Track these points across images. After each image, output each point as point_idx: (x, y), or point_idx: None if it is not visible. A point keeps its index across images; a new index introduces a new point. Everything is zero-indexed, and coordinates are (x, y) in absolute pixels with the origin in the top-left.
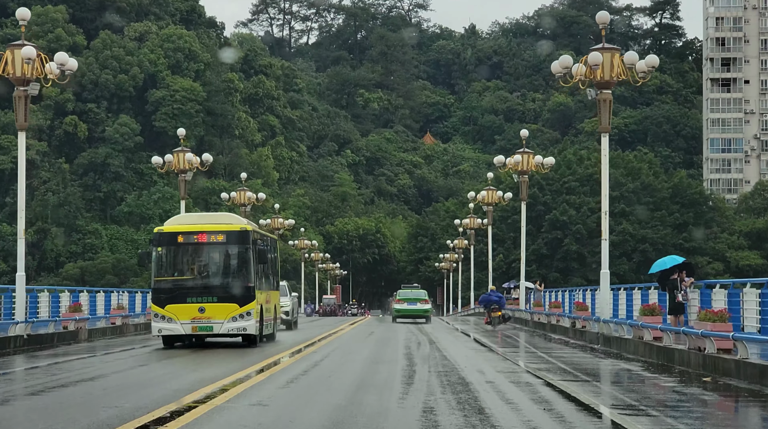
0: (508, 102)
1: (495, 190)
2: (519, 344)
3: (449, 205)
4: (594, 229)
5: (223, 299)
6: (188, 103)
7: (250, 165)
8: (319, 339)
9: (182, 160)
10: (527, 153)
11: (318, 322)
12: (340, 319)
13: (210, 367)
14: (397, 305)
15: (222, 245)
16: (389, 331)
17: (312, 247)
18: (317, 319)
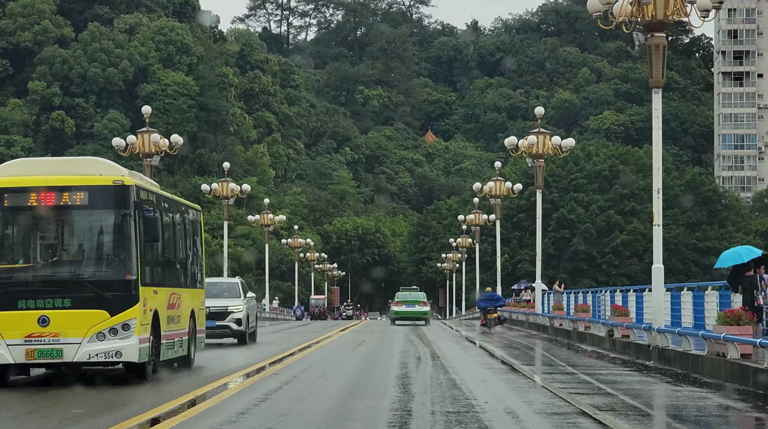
0: (511, 99)
1: (503, 181)
2: (546, 358)
3: (451, 203)
4: (603, 228)
5: (82, 302)
6: (180, 98)
7: (245, 162)
8: (285, 356)
9: (147, 142)
10: (543, 133)
11: (301, 328)
12: (330, 324)
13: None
14: (395, 307)
15: (81, 210)
16: (384, 339)
17: (307, 246)
18: (305, 324)
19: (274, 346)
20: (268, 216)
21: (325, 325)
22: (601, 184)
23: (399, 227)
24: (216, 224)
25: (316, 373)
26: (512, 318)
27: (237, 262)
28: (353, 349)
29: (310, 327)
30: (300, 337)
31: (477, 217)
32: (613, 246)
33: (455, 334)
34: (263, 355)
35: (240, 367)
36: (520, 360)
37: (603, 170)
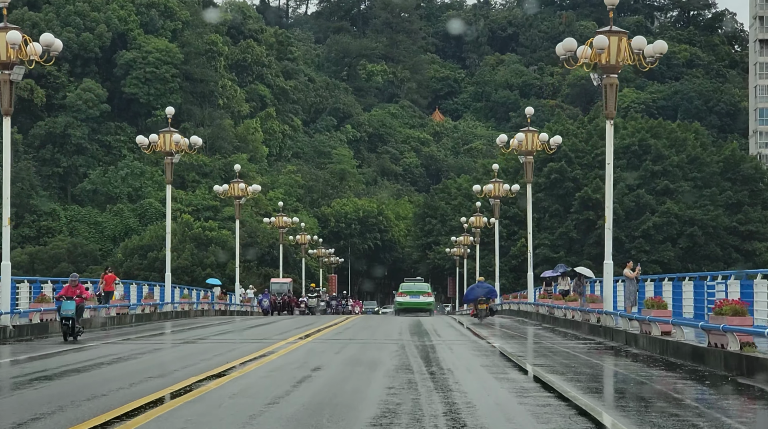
0: (524, 76)
1: (536, 133)
2: (652, 396)
3: (461, 182)
4: (633, 209)
5: None
6: (163, 67)
7: (235, 138)
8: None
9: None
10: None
11: (222, 338)
12: (298, 323)
13: None
14: (399, 298)
15: None
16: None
17: (294, 225)
18: (256, 323)
19: None
20: (239, 186)
21: (282, 328)
22: (629, 160)
23: (404, 210)
24: (201, 205)
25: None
26: (550, 315)
27: (222, 246)
28: (294, 387)
29: (252, 332)
30: (195, 358)
31: (497, 187)
32: (644, 229)
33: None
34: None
35: None
36: (615, 407)
37: (632, 145)
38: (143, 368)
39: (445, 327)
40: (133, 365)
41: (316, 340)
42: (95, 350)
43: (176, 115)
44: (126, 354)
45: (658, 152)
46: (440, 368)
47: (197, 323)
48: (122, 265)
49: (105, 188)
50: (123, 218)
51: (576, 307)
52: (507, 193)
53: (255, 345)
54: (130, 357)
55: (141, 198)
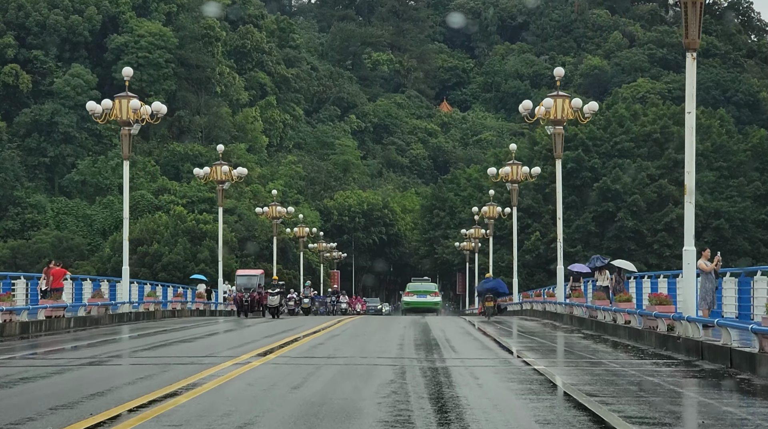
0: (534, 66)
1: (567, 98)
2: None
3: (471, 172)
4: (654, 200)
5: None
6: (156, 51)
7: (233, 127)
8: None
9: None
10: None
11: (160, 351)
12: (269, 329)
13: None
14: (406, 298)
15: None
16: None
17: (290, 215)
18: (221, 331)
19: None
20: (222, 169)
21: (245, 337)
22: (650, 149)
23: (410, 203)
24: (196, 197)
25: None
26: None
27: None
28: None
29: (201, 344)
30: (61, 398)
31: (515, 169)
32: (667, 222)
33: (523, 371)
34: None
35: None
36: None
37: (653, 132)
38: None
39: (458, 334)
40: None
41: (277, 360)
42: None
43: (171, 103)
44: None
45: (681, 140)
46: (440, 368)
47: (149, 329)
48: (110, 260)
49: (94, 179)
50: (113, 211)
51: (632, 310)
52: (526, 178)
53: (181, 370)
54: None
55: (132, 189)
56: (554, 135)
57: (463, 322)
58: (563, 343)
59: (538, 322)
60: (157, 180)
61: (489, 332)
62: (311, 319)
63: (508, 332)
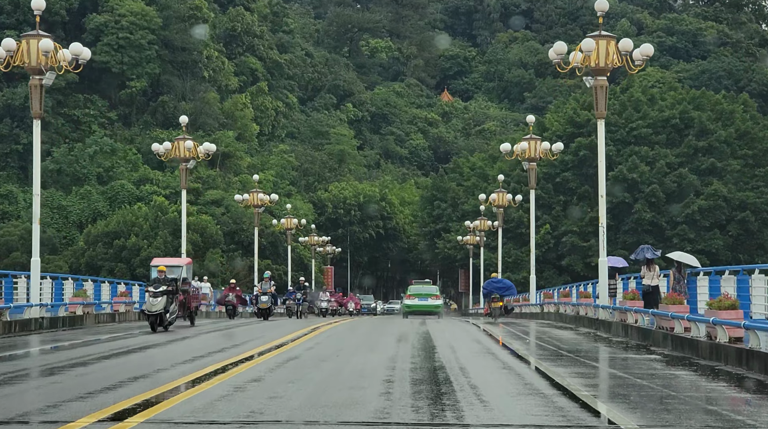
0: (539, 54)
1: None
2: None
3: (475, 161)
4: (674, 190)
5: None
6: (139, 32)
7: (221, 114)
8: None
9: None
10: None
11: None
12: (199, 346)
13: None
14: (408, 301)
15: None
16: None
17: (272, 203)
18: (126, 350)
19: None
20: (185, 144)
21: (146, 362)
22: (669, 135)
23: (409, 195)
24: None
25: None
26: (661, 330)
27: (201, 234)
28: None
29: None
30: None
31: (533, 145)
32: (688, 214)
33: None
34: None
35: None
36: None
37: (672, 118)
38: None
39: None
40: None
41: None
42: None
43: (154, 87)
44: None
45: (703, 126)
46: None
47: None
48: (84, 254)
49: (71, 168)
50: (91, 202)
51: (740, 323)
52: (547, 155)
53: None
54: None
55: (112, 179)
56: (595, 89)
57: (474, 330)
58: (651, 379)
59: (573, 332)
60: (138, 169)
61: (520, 351)
62: (269, 326)
63: (545, 350)
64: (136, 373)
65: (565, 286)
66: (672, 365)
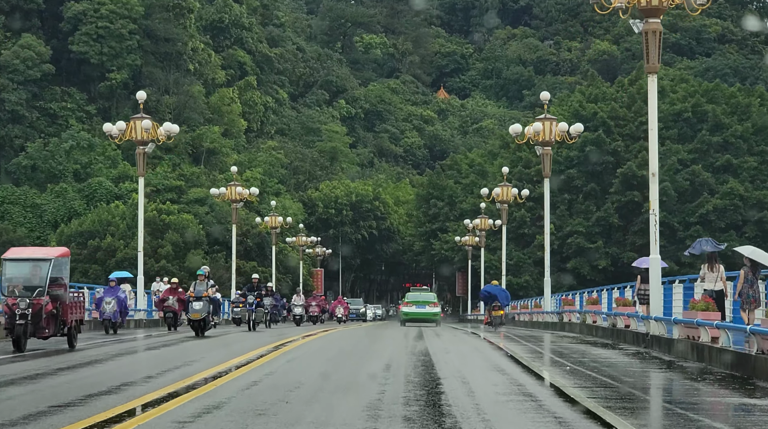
0: (538, 51)
1: None
2: None
3: (473, 157)
4: (687, 189)
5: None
6: (119, 21)
7: (207, 109)
8: None
9: None
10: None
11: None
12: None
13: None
14: (405, 308)
15: None
16: None
17: (252, 197)
18: None
19: None
20: (142, 124)
21: None
22: (681, 130)
23: (404, 194)
24: (161, 185)
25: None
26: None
27: (182, 234)
28: None
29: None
30: None
31: (547, 126)
32: (702, 214)
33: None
34: None
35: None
36: None
37: (684, 111)
38: None
39: (502, 397)
40: None
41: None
42: None
43: (135, 79)
44: None
45: (717, 120)
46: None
47: None
48: None
49: (46, 164)
50: (66, 200)
51: None
52: (563, 137)
53: None
54: None
55: (89, 176)
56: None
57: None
58: None
59: (619, 351)
60: (117, 166)
61: (571, 392)
62: (198, 348)
63: (607, 388)
64: None
65: (591, 291)
66: None
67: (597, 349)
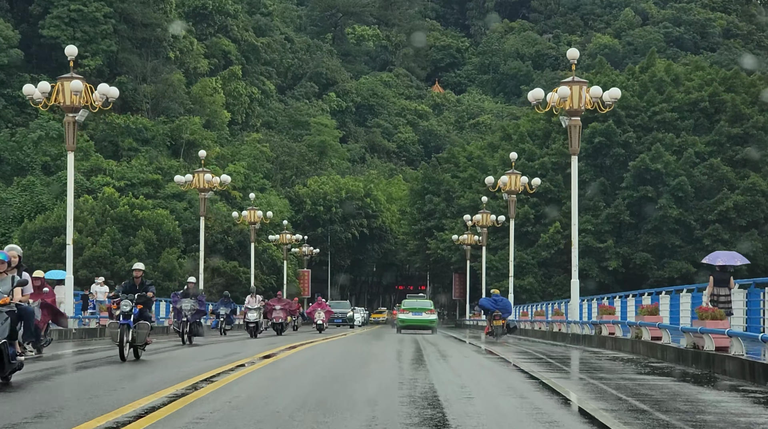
0: (537, 45)
1: None
2: None
3: (472, 150)
4: (704, 184)
5: None
6: (93, 4)
7: (188, 99)
8: None
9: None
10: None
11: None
12: None
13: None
14: (401, 315)
15: None
16: None
17: (225, 186)
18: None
19: None
20: (71, 85)
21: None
22: (698, 121)
23: (397, 191)
24: (137, 179)
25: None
26: None
27: (156, 231)
28: None
29: None
30: None
31: (579, 91)
32: (721, 211)
33: None
34: None
35: None
36: None
37: (700, 100)
38: None
39: None
40: None
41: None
42: None
43: (112, 67)
44: None
45: (737, 110)
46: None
47: None
48: None
49: (12, 156)
50: (34, 194)
51: None
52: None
53: None
54: None
55: (59, 169)
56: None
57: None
58: None
59: (733, 393)
60: (90, 158)
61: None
62: None
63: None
64: None
65: (637, 294)
66: None
67: (693, 388)
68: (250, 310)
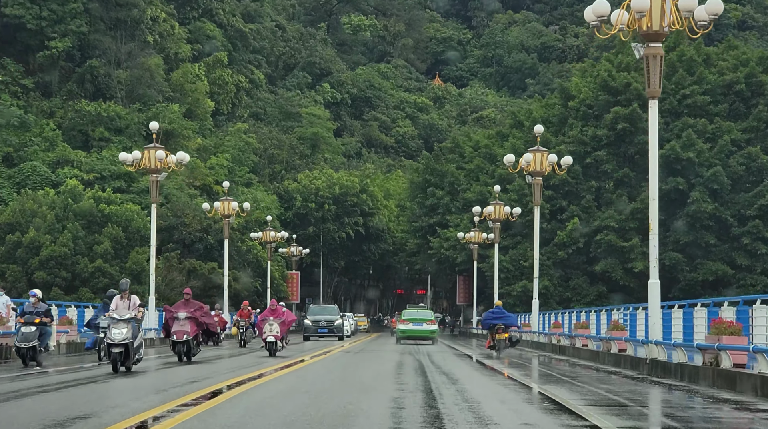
0: (543, 37)
1: None
2: None
3: (479, 139)
4: (742, 175)
5: None
6: None
7: (167, 86)
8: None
9: None
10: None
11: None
12: None
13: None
14: (402, 326)
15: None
16: None
17: (179, 166)
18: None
19: None
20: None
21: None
22: (733, 105)
23: (395, 187)
24: (108, 172)
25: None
26: None
27: (125, 228)
28: None
29: None
30: None
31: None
32: (762, 205)
33: None
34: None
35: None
36: None
37: (736, 82)
38: None
39: None
40: None
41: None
42: None
43: (83, 50)
44: None
45: None
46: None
47: None
48: None
49: None
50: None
51: None
52: (683, 22)
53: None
54: None
55: (22, 160)
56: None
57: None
58: None
59: None
60: (56, 148)
61: None
62: None
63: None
64: None
65: (712, 303)
66: None
67: None
68: (116, 322)
